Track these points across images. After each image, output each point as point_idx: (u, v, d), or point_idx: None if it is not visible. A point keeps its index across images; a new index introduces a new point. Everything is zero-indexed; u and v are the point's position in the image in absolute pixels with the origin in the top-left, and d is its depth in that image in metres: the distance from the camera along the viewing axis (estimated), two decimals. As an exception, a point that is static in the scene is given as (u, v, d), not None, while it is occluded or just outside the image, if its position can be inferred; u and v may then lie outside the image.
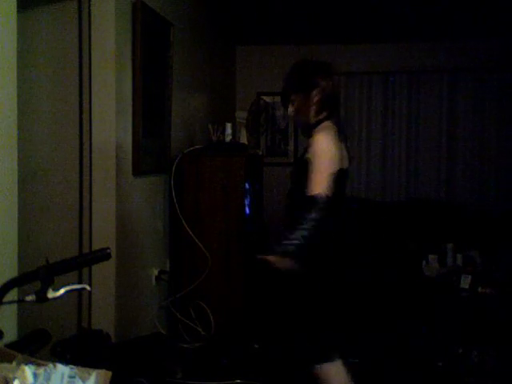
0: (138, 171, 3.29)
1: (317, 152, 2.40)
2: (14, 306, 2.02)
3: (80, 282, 2.94)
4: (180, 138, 4.09)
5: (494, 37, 5.64)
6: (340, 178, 2.45)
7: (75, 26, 2.96)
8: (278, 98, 6.29)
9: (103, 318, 3.03)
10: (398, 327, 3.93)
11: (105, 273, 3.02)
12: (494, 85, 5.88)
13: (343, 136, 2.57)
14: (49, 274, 1.26)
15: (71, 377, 1.13)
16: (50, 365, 1.14)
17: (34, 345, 1.45)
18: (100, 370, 1.16)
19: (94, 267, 2.98)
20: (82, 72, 2.98)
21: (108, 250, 1.33)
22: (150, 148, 3.44)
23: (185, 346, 3.75)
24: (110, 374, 1.16)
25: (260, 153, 4.97)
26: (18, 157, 2.09)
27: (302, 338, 2.57)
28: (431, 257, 4.30)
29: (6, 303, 1.26)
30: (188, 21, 4.29)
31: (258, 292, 4.12)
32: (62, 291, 1.28)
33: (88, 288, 1.40)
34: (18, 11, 2.10)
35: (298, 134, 6.32)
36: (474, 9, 4.70)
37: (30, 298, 1.26)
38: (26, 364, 1.14)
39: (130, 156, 3.23)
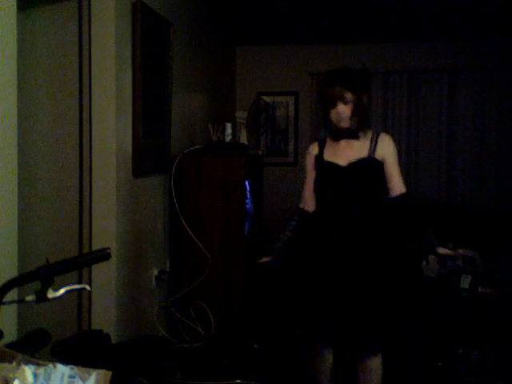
0: (138, 171, 3.29)
1: (393, 152, 2.67)
2: (14, 306, 2.02)
3: (80, 282, 2.94)
4: (180, 138, 4.09)
5: (493, 37, 5.64)
6: None
7: (75, 25, 2.96)
8: (278, 98, 6.32)
9: (103, 318, 3.03)
10: (398, 327, 3.93)
11: (105, 273, 3.01)
12: (494, 85, 5.88)
13: None
14: (49, 273, 1.26)
15: (71, 377, 1.12)
16: (50, 365, 1.14)
17: (34, 345, 1.44)
18: (100, 370, 1.16)
19: (94, 267, 2.98)
20: (82, 72, 2.98)
21: (108, 250, 1.33)
22: (149, 148, 3.44)
23: (185, 346, 3.75)
24: (110, 373, 1.15)
25: (260, 153, 4.97)
26: (18, 157, 2.09)
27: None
28: (431, 257, 4.29)
29: (6, 303, 1.26)
30: (188, 21, 4.29)
31: (258, 292, 4.12)
32: (62, 291, 1.28)
33: (88, 288, 1.40)
34: (18, 11, 2.10)
35: (298, 133, 6.33)
36: (473, 9, 4.70)
37: (30, 298, 1.26)
38: (26, 364, 1.14)
39: (130, 156, 3.23)
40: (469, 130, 5.96)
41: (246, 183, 3.94)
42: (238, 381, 3.22)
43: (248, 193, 4.02)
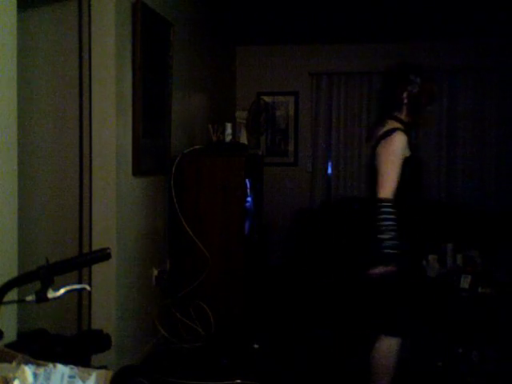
0: (138, 171, 3.29)
1: None
2: (14, 306, 2.02)
3: (80, 282, 2.95)
4: (180, 138, 4.09)
5: (493, 37, 5.64)
6: None
7: (75, 25, 2.97)
8: (278, 98, 6.32)
9: (103, 318, 3.03)
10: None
11: (105, 273, 3.02)
12: (494, 85, 5.88)
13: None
14: (49, 273, 1.25)
15: (71, 377, 1.12)
16: (50, 365, 1.14)
17: (35, 345, 1.44)
18: (100, 370, 1.16)
19: (94, 267, 2.98)
20: (82, 72, 2.98)
21: (108, 250, 1.32)
22: (149, 148, 3.44)
23: (185, 346, 3.75)
24: (110, 373, 1.15)
25: (260, 153, 4.97)
26: (18, 157, 2.09)
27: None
28: (431, 257, 4.29)
29: (6, 303, 1.26)
30: (188, 21, 4.29)
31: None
32: (62, 291, 1.27)
33: (88, 288, 1.39)
34: (18, 11, 2.10)
35: (298, 133, 6.33)
36: (473, 9, 4.70)
37: (30, 298, 1.26)
38: (26, 364, 1.14)
39: (130, 156, 3.23)
40: (469, 130, 5.96)
41: (247, 182, 3.94)
42: (238, 381, 3.22)
43: (248, 193, 4.02)
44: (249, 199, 4.09)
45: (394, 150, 2.52)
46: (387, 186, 2.48)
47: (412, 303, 2.71)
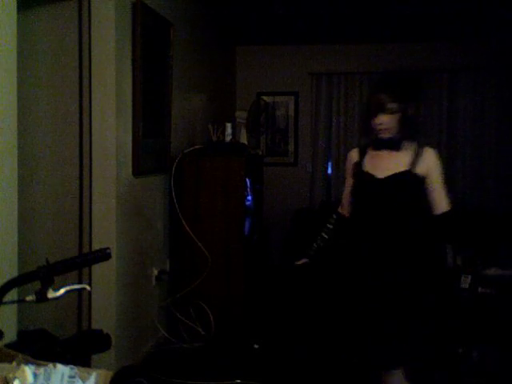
0: (138, 171, 3.29)
1: (437, 167, 2.47)
2: (14, 306, 2.02)
3: (80, 282, 2.95)
4: (180, 138, 4.09)
5: (494, 37, 5.64)
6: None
7: (75, 25, 2.97)
8: (278, 98, 6.32)
9: (103, 318, 3.03)
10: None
11: (105, 273, 3.02)
12: (493, 85, 5.88)
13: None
14: (49, 273, 1.25)
15: (71, 377, 1.12)
16: (50, 365, 1.14)
17: (35, 345, 1.44)
18: (100, 370, 1.16)
19: (94, 267, 2.98)
20: (82, 72, 2.98)
21: (108, 250, 1.32)
22: (150, 148, 3.44)
23: (185, 345, 3.75)
24: (110, 373, 1.15)
25: (260, 153, 4.97)
26: (18, 157, 2.09)
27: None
28: (431, 257, 4.28)
29: (6, 303, 1.26)
30: (188, 21, 4.30)
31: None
32: (62, 291, 1.27)
33: (88, 288, 1.40)
34: (18, 11, 2.10)
35: (298, 133, 6.33)
36: (474, 9, 4.70)
37: (30, 298, 1.26)
38: (26, 364, 1.14)
39: (130, 156, 3.23)
40: (468, 130, 5.96)
41: (247, 182, 3.94)
42: (238, 381, 3.22)
43: (248, 192, 4.03)
44: (249, 199, 4.09)
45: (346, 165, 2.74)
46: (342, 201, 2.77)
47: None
